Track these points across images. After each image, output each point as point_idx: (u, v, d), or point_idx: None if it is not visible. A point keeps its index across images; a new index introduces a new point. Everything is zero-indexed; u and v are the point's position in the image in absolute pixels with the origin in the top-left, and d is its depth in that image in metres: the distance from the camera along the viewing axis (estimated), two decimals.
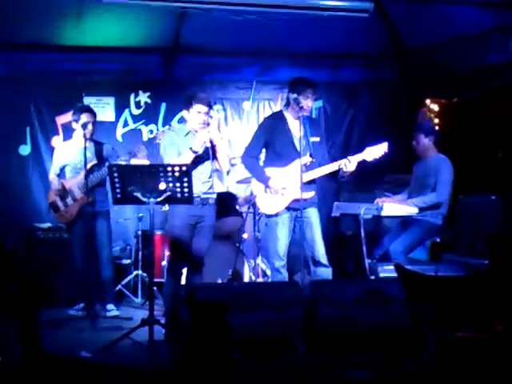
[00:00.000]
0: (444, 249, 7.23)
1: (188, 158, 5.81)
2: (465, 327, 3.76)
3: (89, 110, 6.83)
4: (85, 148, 6.36)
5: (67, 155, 6.89)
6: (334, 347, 5.04)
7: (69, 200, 6.75)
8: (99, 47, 7.51)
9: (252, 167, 6.19)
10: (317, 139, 6.06)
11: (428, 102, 8.67)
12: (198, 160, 5.91)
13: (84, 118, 6.68)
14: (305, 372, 4.62)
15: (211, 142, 5.94)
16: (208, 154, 5.89)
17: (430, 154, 7.06)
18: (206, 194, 6.01)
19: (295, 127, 6.02)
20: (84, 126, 6.60)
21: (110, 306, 6.88)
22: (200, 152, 5.88)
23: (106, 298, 6.92)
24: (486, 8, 6.55)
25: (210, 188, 6.04)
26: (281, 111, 6.29)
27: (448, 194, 6.87)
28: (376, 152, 5.94)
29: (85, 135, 6.51)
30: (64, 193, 6.75)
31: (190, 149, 5.83)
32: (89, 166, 6.57)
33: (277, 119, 6.17)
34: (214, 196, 6.12)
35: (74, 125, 6.84)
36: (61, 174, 6.91)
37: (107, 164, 6.27)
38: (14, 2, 6.48)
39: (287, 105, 6.16)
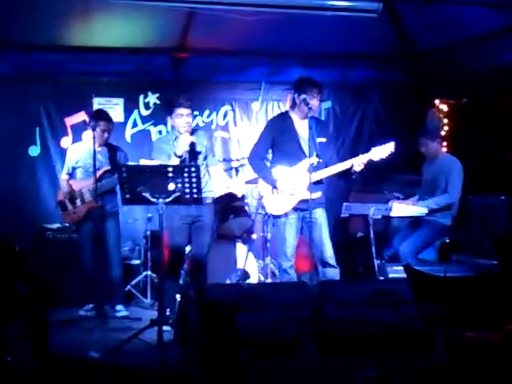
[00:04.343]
0: (453, 249, 7.23)
1: (175, 163, 5.92)
2: (475, 327, 3.75)
3: (107, 119, 6.82)
4: (94, 154, 6.37)
5: (79, 157, 6.90)
6: (343, 347, 5.03)
7: (78, 202, 6.77)
8: (108, 48, 7.51)
9: (259, 168, 6.19)
10: (323, 140, 6.04)
11: (437, 102, 8.66)
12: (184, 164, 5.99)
13: (102, 125, 6.67)
14: (314, 372, 4.61)
15: (192, 146, 6.03)
16: (186, 160, 6.01)
17: (438, 156, 7.08)
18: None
19: (301, 128, 6.03)
20: (100, 133, 6.61)
21: (119, 307, 6.90)
22: (184, 156, 6.01)
23: (115, 299, 6.94)
24: (497, 8, 6.52)
25: (205, 187, 6.07)
26: (287, 112, 6.28)
27: (459, 195, 6.87)
28: (382, 152, 5.92)
29: (99, 140, 6.51)
30: (73, 194, 6.77)
31: (174, 154, 5.95)
32: (102, 171, 6.62)
33: (283, 120, 6.16)
34: (211, 195, 6.21)
35: (87, 132, 6.85)
36: (72, 174, 6.92)
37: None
38: (24, 2, 6.50)
39: (293, 106, 6.14)
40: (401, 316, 5.17)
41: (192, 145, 6.10)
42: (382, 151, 5.91)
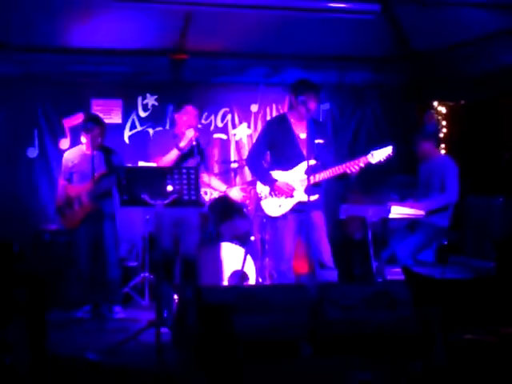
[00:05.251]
0: (451, 251, 7.23)
1: (173, 156, 5.92)
2: (472, 330, 3.75)
3: (100, 124, 6.79)
4: (92, 157, 6.36)
5: (75, 162, 6.89)
6: (341, 349, 5.03)
7: (76, 206, 6.76)
8: (106, 50, 7.52)
9: (256, 170, 6.19)
10: (321, 141, 6.03)
11: (435, 104, 8.68)
12: (183, 158, 5.98)
13: (94, 131, 6.65)
14: (311, 374, 4.61)
15: (198, 141, 6.04)
16: (193, 152, 5.95)
17: (433, 157, 7.08)
18: None
19: (299, 130, 6.02)
20: (93, 138, 6.59)
21: (116, 308, 6.89)
22: (186, 151, 5.99)
23: (113, 300, 6.92)
24: (495, 10, 6.53)
25: None
26: (284, 114, 6.28)
27: (457, 194, 6.87)
28: (381, 155, 5.90)
29: (92, 145, 6.48)
30: (71, 200, 6.77)
31: (176, 146, 5.94)
32: (98, 174, 6.61)
33: (281, 121, 6.15)
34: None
35: (82, 136, 6.84)
36: (71, 179, 6.91)
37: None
38: (23, 3, 6.49)
39: (291, 108, 6.15)
40: (399, 318, 5.17)
41: (198, 140, 6.11)
42: (381, 154, 5.89)
